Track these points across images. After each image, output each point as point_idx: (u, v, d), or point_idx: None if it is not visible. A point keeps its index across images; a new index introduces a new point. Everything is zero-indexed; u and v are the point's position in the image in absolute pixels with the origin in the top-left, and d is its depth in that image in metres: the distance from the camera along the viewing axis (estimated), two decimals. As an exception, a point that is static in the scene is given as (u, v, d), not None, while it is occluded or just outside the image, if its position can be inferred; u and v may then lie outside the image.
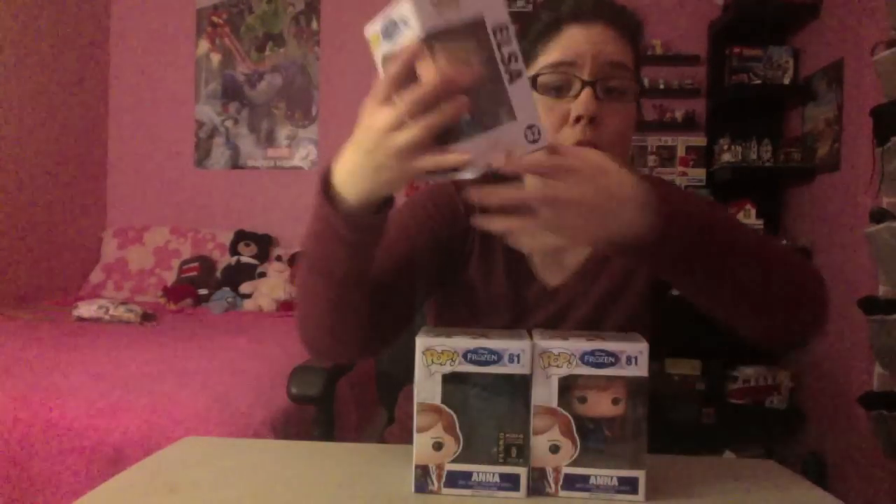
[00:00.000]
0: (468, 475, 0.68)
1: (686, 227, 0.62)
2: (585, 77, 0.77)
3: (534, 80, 0.79)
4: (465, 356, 0.67)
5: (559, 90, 0.78)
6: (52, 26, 3.19)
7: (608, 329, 0.87)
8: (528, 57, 0.80)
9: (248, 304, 3.03)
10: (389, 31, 0.54)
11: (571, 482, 0.68)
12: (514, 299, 0.89)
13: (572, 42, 0.78)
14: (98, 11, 3.55)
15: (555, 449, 0.68)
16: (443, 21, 0.52)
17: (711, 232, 0.65)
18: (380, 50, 0.57)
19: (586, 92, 0.76)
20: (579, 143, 0.76)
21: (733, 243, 0.67)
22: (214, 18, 3.61)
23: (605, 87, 0.78)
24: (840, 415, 2.49)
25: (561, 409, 0.67)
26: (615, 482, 0.68)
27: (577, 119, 0.77)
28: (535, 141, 0.57)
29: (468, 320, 0.90)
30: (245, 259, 3.25)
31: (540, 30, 0.81)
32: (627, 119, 0.80)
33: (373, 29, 0.56)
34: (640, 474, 0.68)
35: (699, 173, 3.19)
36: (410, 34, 0.52)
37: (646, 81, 3.27)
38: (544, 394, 0.67)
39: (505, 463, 0.68)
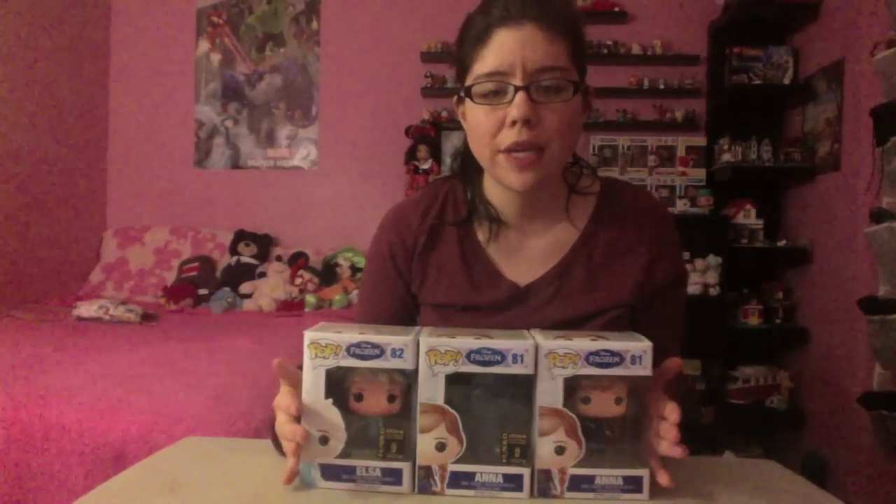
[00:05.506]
0: (471, 476, 0.68)
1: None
2: (518, 83, 0.79)
3: (469, 90, 0.82)
4: (468, 356, 0.67)
5: (495, 95, 0.81)
6: (52, 26, 3.19)
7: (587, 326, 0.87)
8: (464, 65, 0.85)
9: (248, 304, 3.02)
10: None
11: (577, 483, 0.68)
12: (480, 300, 0.90)
13: (503, 49, 0.79)
14: (98, 11, 3.55)
15: (560, 450, 0.67)
16: None
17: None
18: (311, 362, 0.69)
19: (520, 96, 0.78)
20: (518, 144, 0.79)
21: None
22: (214, 18, 3.61)
23: (539, 89, 0.79)
24: (840, 415, 2.49)
25: (567, 410, 0.67)
26: (620, 481, 0.68)
27: (514, 122, 0.79)
28: None
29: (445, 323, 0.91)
30: (245, 259, 3.25)
31: (473, 37, 0.83)
32: (567, 114, 0.81)
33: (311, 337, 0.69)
34: (645, 473, 0.68)
35: (699, 173, 3.19)
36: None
37: (646, 81, 3.27)
38: (550, 395, 0.67)
39: (508, 463, 0.68)
